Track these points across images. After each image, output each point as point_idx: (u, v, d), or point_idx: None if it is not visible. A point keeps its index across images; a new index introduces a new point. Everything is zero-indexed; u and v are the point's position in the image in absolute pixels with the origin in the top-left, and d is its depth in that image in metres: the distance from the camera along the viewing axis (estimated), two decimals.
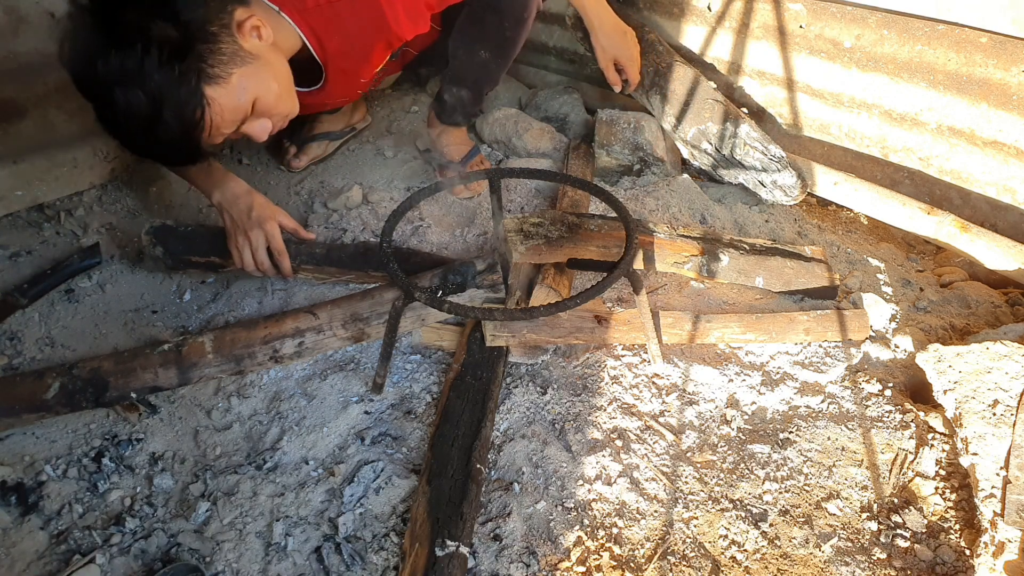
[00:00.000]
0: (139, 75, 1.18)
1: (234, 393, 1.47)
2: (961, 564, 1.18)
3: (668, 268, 1.65)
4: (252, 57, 1.32)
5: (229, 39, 1.29)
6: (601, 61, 1.94)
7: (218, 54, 1.26)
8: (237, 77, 1.30)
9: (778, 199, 1.88)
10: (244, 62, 1.31)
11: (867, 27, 1.76)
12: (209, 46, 1.25)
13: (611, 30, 1.90)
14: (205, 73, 1.25)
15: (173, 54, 1.20)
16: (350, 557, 1.18)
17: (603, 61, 1.94)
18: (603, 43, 1.91)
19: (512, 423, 1.41)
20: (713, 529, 1.24)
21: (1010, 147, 1.64)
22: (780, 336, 1.55)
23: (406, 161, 2.10)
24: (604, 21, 1.88)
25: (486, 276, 1.56)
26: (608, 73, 1.97)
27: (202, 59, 1.24)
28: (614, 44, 1.92)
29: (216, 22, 1.27)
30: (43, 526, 1.25)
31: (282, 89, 1.41)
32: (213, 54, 1.26)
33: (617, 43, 1.92)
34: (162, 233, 1.65)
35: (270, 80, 1.36)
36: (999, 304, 1.67)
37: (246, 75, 1.31)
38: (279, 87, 1.39)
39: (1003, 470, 1.20)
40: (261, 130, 1.41)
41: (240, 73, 1.30)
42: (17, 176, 1.81)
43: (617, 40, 1.92)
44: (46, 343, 1.57)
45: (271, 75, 1.37)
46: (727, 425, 1.41)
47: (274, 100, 1.38)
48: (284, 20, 1.41)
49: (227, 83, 1.29)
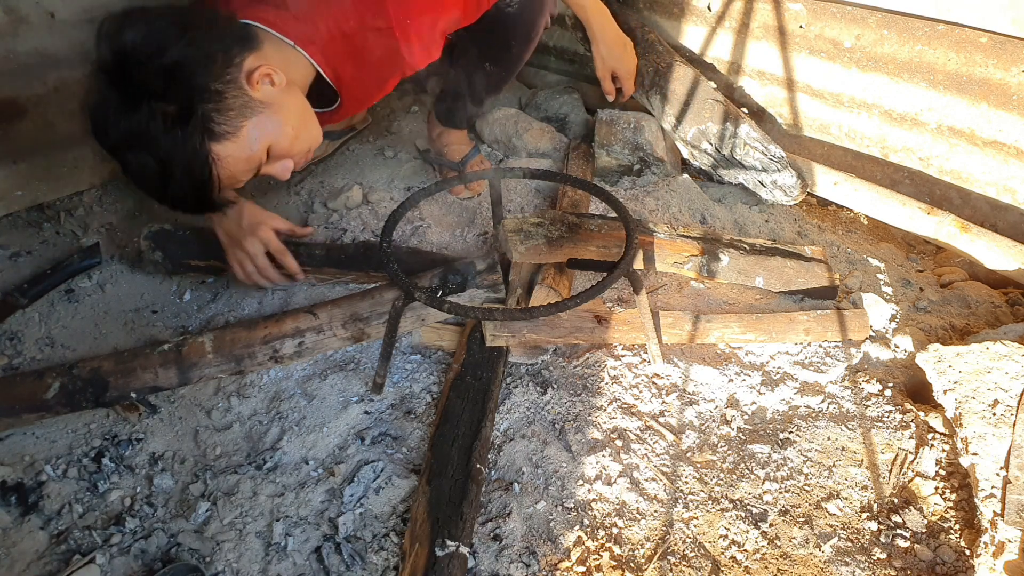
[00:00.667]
0: (146, 139, 1.21)
1: (234, 393, 1.47)
2: (961, 564, 1.18)
3: (668, 268, 1.65)
4: (263, 106, 1.30)
5: (237, 92, 1.27)
6: (599, 71, 1.95)
7: (225, 111, 1.25)
8: (247, 129, 1.28)
9: (778, 199, 1.88)
10: (254, 112, 1.29)
11: (867, 27, 1.76)
12: (214, 105, 1.24)
13: (612, 42, 1.90)
14: (211, 132, 1.24)
15: (177, 119, 1.21)
16: (350, 557, 1.18)
17: (601, 71, 1.95)
18: (603, 54, 1.91)
19: (512, 423, 1.41)
20: (713, 529, 1.24)
21: (1010, 147, 1.64)
22: (780, 336, 1.55)
23: (406, 161, 2.10)
24: (606, 32, 1.88)
25: (486, 276, 1.56)
26: (604, 83, 1.98)
27: (207, 119, 1.23)
28: (614, 56, 1.92)
29: (221, 79, 1.25)
30: (43, 526, 1.25)
31: (299, 129, 1.38)
32: (219, 112, 1.25)
33: (617, 55, 1.92)
34: (161, 238, 1.65)
35: (283, 125, 1.34)
36: (999, 304, 1.67)
37: (257, 125, 1.30)
38: (294, 129, 1.37)
39: (1003, 470, 1.20)
40: (283, 170, 1.40)
41: (251, 124, 1.29)
42: (17, 176, 1.81)
43: (617, 52, 1.92)
44: (46, 343, 1.57)
45: (284, 120, 1.34)
46: (727, 425, 1.41)
47: (289, 143, 1.37)
48: (299, 53, 1.39)
49: (236, 137, 1.28)
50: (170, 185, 1.26)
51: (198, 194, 1.29)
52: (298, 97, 1.40)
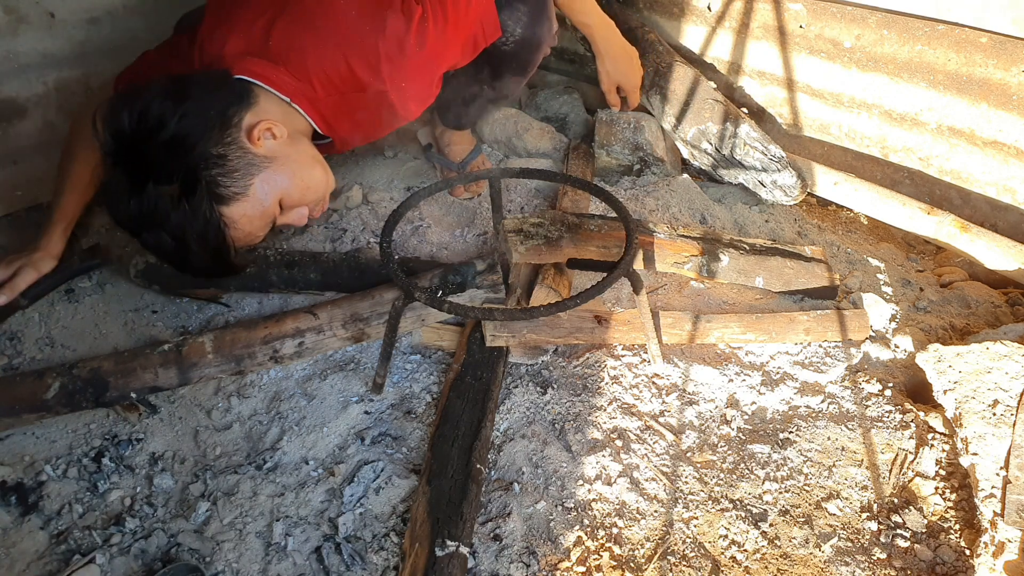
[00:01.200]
0: (156, 217, 1.22)
1: (234, 393, 1.47)
2: (961, 564, 1.18)
3: (668, 268, 1.65)
4: (268, 160, 1.30)
5: (240, 152, 1.27)
6: (604, 84, 1.91)
7: (230, 173, 1.25)
8: (256, 186, 1.28)
9: (778, 199, 1.88)
10: (260, 168, 1.28)
11: (867, 27, 1.76)
12: (219, 170, 1.24)
13: (617, 55, 1.86)
14: (219, 197, 1.25)
15: (182, 193, 1.21)
16: (350, 557, 1.18)
17: (606, 84, 1.91)
18: (608, 68, 1.87)
19: (512, 423, 1.41)
20: (713, 529, 1.24)
21: (1010, 147, 1.64)
22: (780, 336, 1.55)
23: (406, 161, 2.10)
24: (611, 45, 1.84)
25: (486, 276, 1.56)
26: (609, 96, 1.94)
27: (213, 185, 1.24)
28: (619, 69, 1.88)
29: (222, 142, 1.25)
30: (43, 526, 1.25)
31: (308, 177, 1.37)
32: (225, 175, 1.25)
33: (622, 68, 1.88)
34: (150, 274, 1.62)
35: (291, 176, 1.33)
36: (999, 304, 1.67)
37: (265, 180, 1.29)
38: (303, 178, 1.36)
39: (1003, 470, 1.20)
40: (299, 218, 1.40)
41: (259, 180, 1.29)
42: (17, 176, 1.81)
43: (623, 66, 1.88)
44: (46, 343, 1.57)
45: (292, 171, 1.33)
46: (727, 425, 1.41)
47: (300, 193, 1.36)
48: (295, 109, 1.38)
49: (246, 197, 1.27)
50: (189, 257, 1.27)
51: (217, 260, 1.30)
52: (303, 145, 1.39)
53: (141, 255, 1.63)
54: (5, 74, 1.69)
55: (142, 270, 1.63)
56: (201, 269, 1.32)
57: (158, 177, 1.21)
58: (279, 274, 1.61)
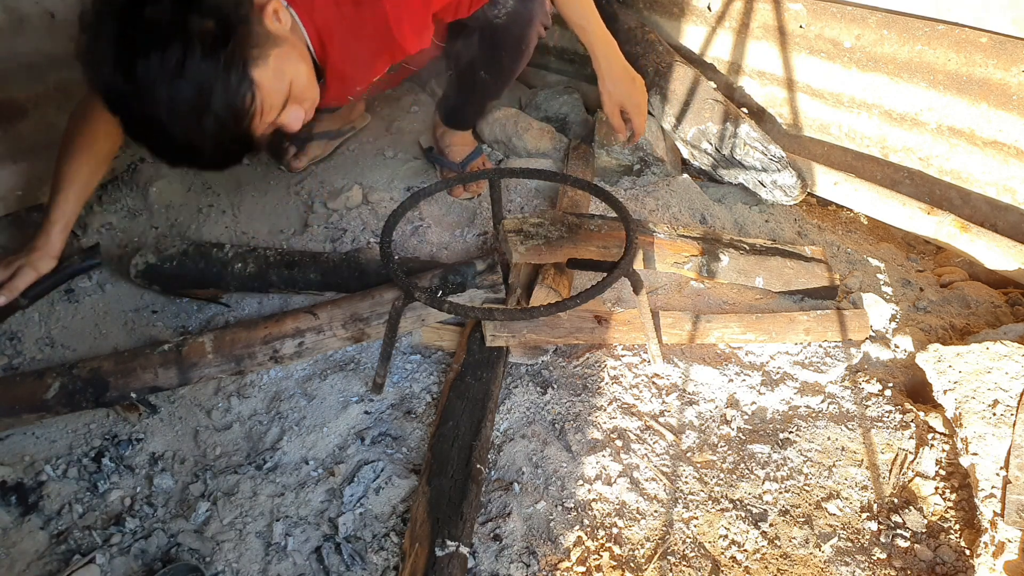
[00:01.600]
0: (183, 69, 1.14)
1: (234, 393, 1.47)
2: (961, 564, 1.18)
3: (668, 268, 1.65)
4: (281, 39, 1.30)
5: (259, 21, 1.26)
6: (606, 106, 1.81)
7: (256, 35, 1.24)
8: (274, 58, 1.27)
9: (778, 199, 1.88)
10: (276, 44, 1.28)
11: (867, 27, 1.76)
12: (247, 27, 1.22)
13: (619, 76, 1.78)
14: (250, 55, 1.21)
15: (216, 42, 1.16)
16: (350, 557, 1.18)
17: (608, 107, 1.81)
18: (610, 89, 1.78)
19: (512, 423, 1.41)
20: (713, 529, 1.24)
21: (1010, 147, 1.64)
22: (780, 336, 1.55)
23: (406, 161, 2.10)
24: (613, 66, 1.76)
25: (486, 276, 1.56)
26: (613, 119, 1.83)
27: (244, 42, 1.21)
28: (621, 91, 1.79)
29: (244, 6, 1.24)
30: (43, 526, 1.25)
31: (308, 72, 1.37)
32: (252, 35, 1.23)
33: (625, 90, 1.79)
34: (150, 274, 1.62)
35: (300, 62, 1.33)
36: (999, 304, 1.67)
37: (281, 56, 1.28)
38: (307, 68, 1.36)
39: (1003, 470, 1.20)
40: (295, 119, 1.37)
41: (276, 54, 1.27)
42: (17, 176, 1.81)
43: (625, 87, 1.79)
44: (46, 343, 1.57)
45: (299, 56, 1.34)
46: (727, 425, 1.41)
47: (306, 82, 1.35)
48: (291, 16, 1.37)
49: (267, 64, 1.25)
50: (205, 119, 1.18)
51: (236, 126, 1.23)
52: (303, 43, 1.38)
53: (141, 255, 1.63)
54: (5, 74, 1.69)
55: (142, 270, 1.63)
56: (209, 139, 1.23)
57: (189, 24, 1.15)
58: (279, 274, 1.62)
